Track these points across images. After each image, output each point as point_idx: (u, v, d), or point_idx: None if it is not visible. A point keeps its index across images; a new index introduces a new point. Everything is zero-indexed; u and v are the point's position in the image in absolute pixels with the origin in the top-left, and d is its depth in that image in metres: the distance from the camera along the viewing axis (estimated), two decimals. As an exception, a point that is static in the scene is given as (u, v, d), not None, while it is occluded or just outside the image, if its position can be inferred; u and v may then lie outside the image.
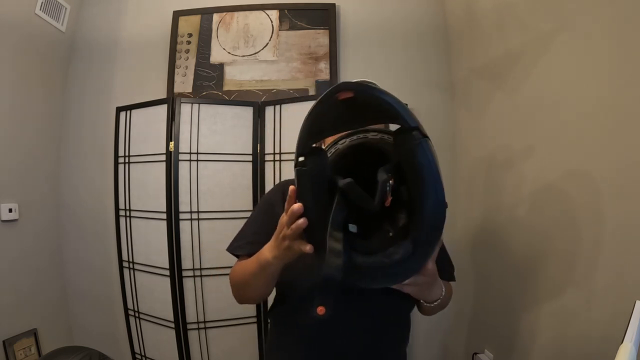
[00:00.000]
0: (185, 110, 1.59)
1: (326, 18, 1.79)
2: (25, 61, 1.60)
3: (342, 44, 1.80)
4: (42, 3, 1.63)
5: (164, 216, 1.56)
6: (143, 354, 1.68)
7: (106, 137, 1.78)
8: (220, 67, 1.80)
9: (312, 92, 1.75)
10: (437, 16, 1.79)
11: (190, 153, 1.58)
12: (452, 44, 1.73)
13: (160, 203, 1.57)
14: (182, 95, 1.78)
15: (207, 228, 1.58)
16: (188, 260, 1.56)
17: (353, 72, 1.78)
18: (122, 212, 1.68)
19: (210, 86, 1.78)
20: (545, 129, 1.03)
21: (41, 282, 1.66)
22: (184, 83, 1.79)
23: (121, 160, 1.69)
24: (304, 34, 1.80)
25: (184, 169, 1.57)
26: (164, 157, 1.57)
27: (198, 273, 1.57)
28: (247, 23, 1.82)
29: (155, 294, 1.61)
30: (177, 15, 1.84)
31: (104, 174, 1.79)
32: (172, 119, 1.58)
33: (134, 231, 1.66)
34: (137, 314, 1.67)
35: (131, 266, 1.66)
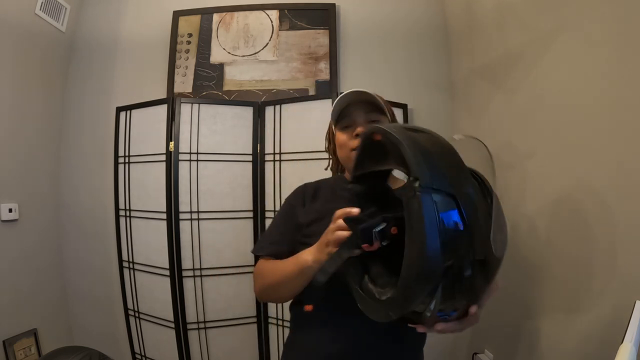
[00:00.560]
0: (185, 110, 1.59)
1: (326, 18, 1.79)
2: (25, 61, 1.60)
3: (342, 44, 1.80)
4: (42, 3, 1.63)
5: (164, 216, 1.56)
6: (143, 354, 1.68)
7: (106, 137, 1.78)
8: (220, 67, 1.80)
9: (312, 92, 1.75)
10: (437, 16, 1.79)
11: (190, 153, 1.58)
12: (452, 43, 1.73)
13: (160, 203, 1.57)
14: (182, 95, 1.78)
15: (207, 228, 1.58)
16: (188, 260, 1.56)
17: (353, 72, 1.78)
18: (122, 212, 1.68)
19: (210, 86, 1.78)
20: (545, 129, 1.03)
21: (41, 282, 1.66)
22: (184, 83, 1.79)
23: (121, 160, 1.69)
24: (304, 34, 1.80)
25: (184, 169, 1.57)
26: (164, 157, 1.57)
27: (198, 273, 1.57)
28: (247, 23, 1.82)
29: (155, 294, 1.61)
30: (177, 15, 1.84)
31: (104, 174, 1.79)
32: (172, 119, 1.58)
33: (134, 231, 1.66)
34: (137, 314, 1.67)
35: (131, 266, 1.66)
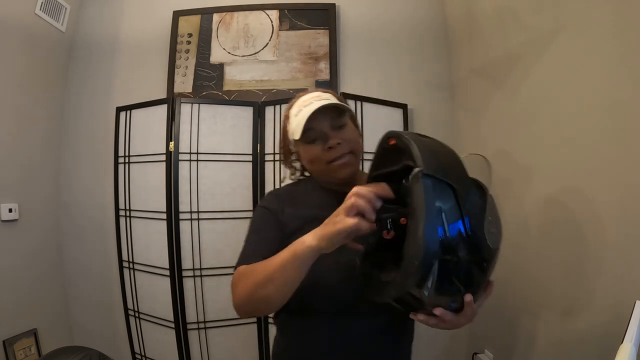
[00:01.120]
0: (185, 110, 1.59)
1: (326, 18, 1.79)
2: (25, 61, 1.60)
3: (342, 44, 1.80)
4: (42, 3, 1.63)
5: (164, 216, 1.56)
6: (143, 354, 1.68)
7: (106, 137, 1.78)
8: (220, 67, 1.80)
9: (312, 92, 1.75)
10: (437, 16, 1.79)
11: (190, 153, 1.58)
12: (452, 43, 1.73)
13: (160, 203, 1.57)
14: (182, 95, 1.78)
15: (207, 228, 1.58)
16: (188, 260, 1.56)
17: (353, 72, 1.78)
18: (122, 212, 1.68)
19: (210, 86, 1.78)
20: (545, 129, 1.03)
21: (41, 282, 1.66)
22: (184, 83, 1.79)
23: (121, 160, 1.69)
24: (304, 34, 1.80)
25: (184, 169, 1.57)
26: (164, 157, 1.57)
27: (198, 273, 1.57)
28: (247, 23, 1.82)
29: (155, 294, 1.61)
30: (177, 15, 1.84)
31: (104, 174, 1.79)
32: (172, 119, 1.58)
33: (134, 231, 1.65)
34: (137, 314, 1.67)
35: (131, 266, 1.66)
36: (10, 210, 1.50)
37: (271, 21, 1.82)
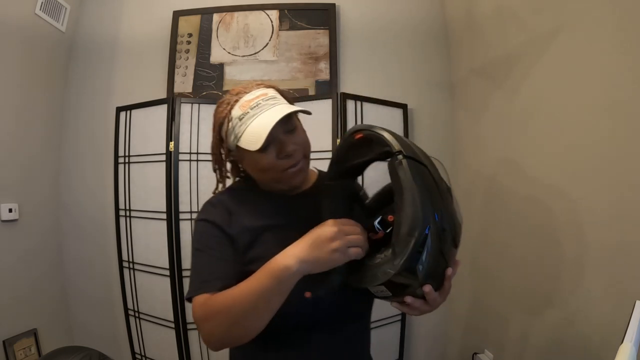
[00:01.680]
0: (185, 110, 1.59)
1: (326, 18, 1.79)
2: (25, 61, 1.60)
3: (342, 44, 1.80)
4: (42, 3, 1.63)
5: (164, 216, 1.56)
6: (143, 354, 1.68)
7: (106, 137, 1.78)
8: (220, 67, 1.80)
9: (312, 92, 1.75)
10: (437, 17, 1.79)
11: (190, 153, 1.58)
12: (452, 43, 1.73)
13: (160, 203, 1.57)
14: (182, 95, 1.78)
15: (207, 228, 1.58)
16: (188, 260, 1.56)
17: (353, 72, 1.78)
18: (122, 212, 1.68)
19: (210, 86, 1.78)
20: (545, 129, 1.03)
21: (41, 282, 1.66)
22: (184, 83, 1.79)
23: (121, 160, 1.69)
24: (304, 34, 1.80)
25: (184, 169, 1.57)
26: (164, 157, 1.57)
27: (198, 273, 1.57)
28: (247, 23, 1.82)
29: (155, 294, 1.61)
30: (177, 15, 1.84)
31: (104, 174, 1.79)
32: (172, 119, 1.58)
33: (134, 231, 1.65)
34: (137, 314, 1.67)
35: (131, 266, 1.66)
36: (10, 210, 1.50)
37: (271, 21, 1.82)
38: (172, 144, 1.56)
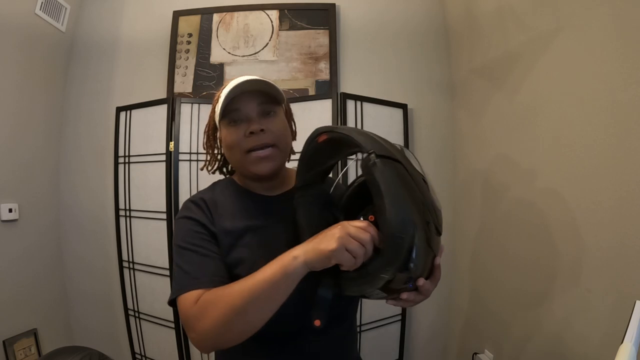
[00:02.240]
0: (185, 110, 1.59)
1: (326, 18, 1.79)
2: (25, 61, 1.60)
3: (342, 44, 1.80)
4: (42, 3, 1.63)
5: (164, 216, 1.56)
6: (143, 354, 1.68)
7: (106, 137, 1.78)
8: (220, 67, 1.80)
9: (312, 92, 1.75)
10: (437, 17, 1.79)
11: (190, 153, 1.58)
12: (452, 43, 1.73)
13: (160, 203, 1.57)
14: (182, 95, 1.78)
15: (207, 228, 1.58)
16: (188, 260, 1.56)
17: (353, 72, 1.78)
18: (122, 212, 1.68)
19: (210, 86, 1.78)
20: (545, 129, 1.03)
21: (41, 282, 1.66)
22: (184, 83, 1.79)
23: (121, 160, 1.69)
24: (304, 34, 1.80)
25: (184, 169, 1.57)
26: (164, 157, 1.57)
27: (198, 273, 1.57)
28: (247, 23, 1.82)
29: (155, 294, 1.61)
30: (177, 15, 1.84)
31: (104, 174, 1.79)
32: (172, 119, 1.58)
33: (134, 231, 1.66)
34: (137, 314, 1.67)
35: (131, 266, 1.66)
36: (10, 210, 1.50)
37: (271, 21, 1.82)
38: (172, 144, 1.56)
